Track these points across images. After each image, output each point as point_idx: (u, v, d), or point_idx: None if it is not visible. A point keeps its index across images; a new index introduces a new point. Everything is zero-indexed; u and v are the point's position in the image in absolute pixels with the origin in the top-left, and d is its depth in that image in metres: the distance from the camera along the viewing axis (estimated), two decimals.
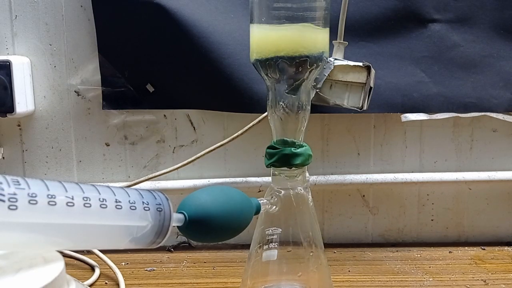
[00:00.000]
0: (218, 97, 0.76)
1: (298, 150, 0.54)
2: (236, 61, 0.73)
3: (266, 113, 0.70)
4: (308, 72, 0.52)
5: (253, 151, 0.81)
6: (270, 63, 0.52)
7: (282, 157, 0.53)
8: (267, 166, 0.55)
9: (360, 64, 0.68)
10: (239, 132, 0.76)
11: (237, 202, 0.46)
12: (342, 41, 0.70)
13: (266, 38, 0.52)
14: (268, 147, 0.55)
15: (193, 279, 0.69)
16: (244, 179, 0.80)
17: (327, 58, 0.54)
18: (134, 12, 0.73)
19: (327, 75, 0.68)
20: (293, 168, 0.54)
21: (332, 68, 0.68)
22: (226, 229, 0.45)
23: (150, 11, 0.72)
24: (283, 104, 0.53)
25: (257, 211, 0.50)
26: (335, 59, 0.69)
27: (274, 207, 0.54)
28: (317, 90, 0.69)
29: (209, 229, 0.44)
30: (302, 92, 0.53)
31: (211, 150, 0.77)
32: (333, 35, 0.62)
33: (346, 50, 0.71)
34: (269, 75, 0.53)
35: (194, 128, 0.81)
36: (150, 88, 0.77)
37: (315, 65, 0.52)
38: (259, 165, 0.81)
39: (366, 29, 0.75)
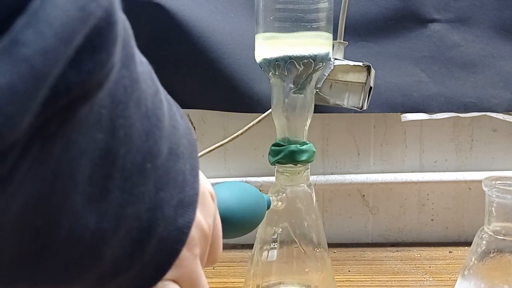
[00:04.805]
0: (218, 97, 0.76)
1: (304, 147, 0.55)
2: (236, 61, 0.73)
3: (266, 113, 0.71)
4: (314, 72, 0.53)
5: (253, 151, 0.81)
6: (278, 64, 0.53)
7: (288, 154, 0.55)
8: (272, 164, 0.56)
9: (360, 64, 0.68)
10: (239, 132, 0.76)
11: (253, 197, 0.46)
12: (342, 41, 0.70)
13: (274, 39, 0.53)
14: (273, 145, 0.56)
15: None
16: (244, 179, 0.80)
17: (330, 58, 0.55)
18: (134, 12, 0.73)
19: (327, 75, 0.68)
20: (298, 165, 0.55)
21: (332, 68, 0.68)
22: (246, 224, 0.45)
23: (150, 11, 0.72)
24: (288, 102, 0.54)
25: (268, 206, 0.50)
26: (335, 59, 0.69)
27: (281, 203, 0.54)
28: (317, 90, 0.69)
29: (230, 224, 0.43)
30: (307, 90, 0.54)
31: (211, 150, 0.77)
32: (333, 35, 0.62)
33: (346, 50, 0.71)
34: (276, 74, 0.54)
35: (194, 128, 0.81)
36: None
37: (321, 64, 0.53)
38: (259, 164, 0.81)
39: (366, 29, 0.75)
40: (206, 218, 0.32)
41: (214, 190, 0.41)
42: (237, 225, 0.44)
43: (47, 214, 0.22)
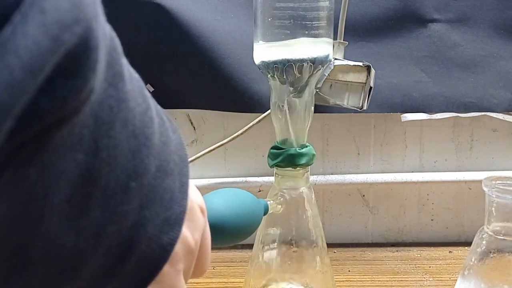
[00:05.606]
0: (218, 97, 0.76)
1: (303, 150, 0.54)
2: (236, 61, 0.73)
3: (266, 113, 0.70)
4: (313, 75, 0.53)
5: (253, 151, 0.81)
6: (276, 67, 0.52)
7: (287, 157, 0.54)
8: (271, 167, 0.55)
9: (360, 64, 0.68)
10: (239, 132, 0.76)
11: (248, 205, 0.46)
12: (342, 41, 0.70)
13: (272, 41, 0.52)
14: (272, 148, 0.55)
15: (193, 279, 0.69)
16: (244, 179, 0.80)
17: (331, 60, 0.54)
18: (134, 12, 0.73)
19: (327, 75, 0.68)
20: (298, 168, 0.54)
21: (332, 68, 0.68)
22: (240, 232, 0.45)
23: (150, 11, 0.72)
24: (287, 104, 0.54)
25: (265, 211, 0.50)
26: (335, 59, 0.69)
27: (280, 206, 0.54)
28: (317, 90, 0.69)
29: (224, 233, 0.42)
30: (306, 93, 0.54)
31: (211, 150, 0.77)
32: (333, 35, 0.62)
33: (346, 50, 0.71)
34: (274, 76, 0.53)
35: (194, 128, 0.81)
36: (150, 88, 0.77)
37: (320, 67, 0.53)
38: (259, 165, 0.81)
39: (366, 29, 0.75)
40: (193, 233, 0.32)
41: (208, 198, 0.41)
42: (231, 233, 0.44)
43: (22, 234, 0.22)
